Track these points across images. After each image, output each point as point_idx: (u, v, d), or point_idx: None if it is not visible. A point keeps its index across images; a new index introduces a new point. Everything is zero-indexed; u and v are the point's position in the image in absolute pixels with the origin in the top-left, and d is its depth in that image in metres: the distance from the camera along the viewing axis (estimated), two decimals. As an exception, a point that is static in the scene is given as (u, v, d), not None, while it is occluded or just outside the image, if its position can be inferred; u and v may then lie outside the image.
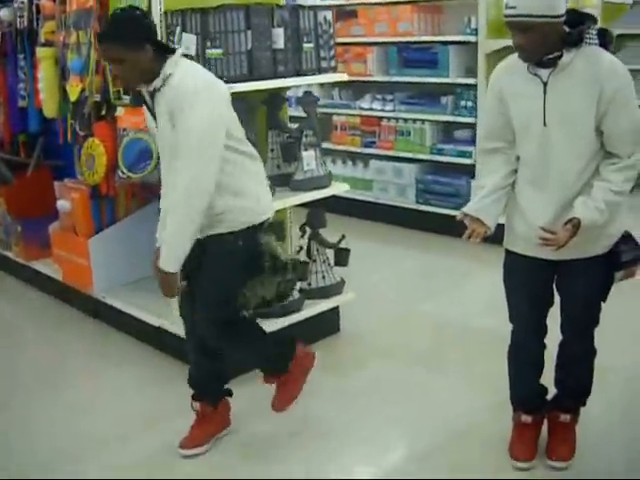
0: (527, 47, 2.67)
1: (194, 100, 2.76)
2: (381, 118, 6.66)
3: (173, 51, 2.88)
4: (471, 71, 5.97)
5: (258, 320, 3.55)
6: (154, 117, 2.94)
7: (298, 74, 3.85)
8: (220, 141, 2.85)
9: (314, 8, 3.88)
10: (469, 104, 6.03)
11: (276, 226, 3.97)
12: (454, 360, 4.07)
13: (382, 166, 6.69)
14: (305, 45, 3.82)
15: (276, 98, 4.06)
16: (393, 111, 6.54)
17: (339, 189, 4.25)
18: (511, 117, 2.84)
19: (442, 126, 6.47)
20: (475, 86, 5.91)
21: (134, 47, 2.75)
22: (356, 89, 6.86)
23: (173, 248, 2.90)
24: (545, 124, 2.74)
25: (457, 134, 6.35)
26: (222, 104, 2.89)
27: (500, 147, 2.92)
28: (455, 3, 6.04)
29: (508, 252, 3.01)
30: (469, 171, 6.13)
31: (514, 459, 3.10)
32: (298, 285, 4.21)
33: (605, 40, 2.73)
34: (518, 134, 2.85)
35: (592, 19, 2.73)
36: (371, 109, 6.66)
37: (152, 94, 2.88)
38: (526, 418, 3.14)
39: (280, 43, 3.66)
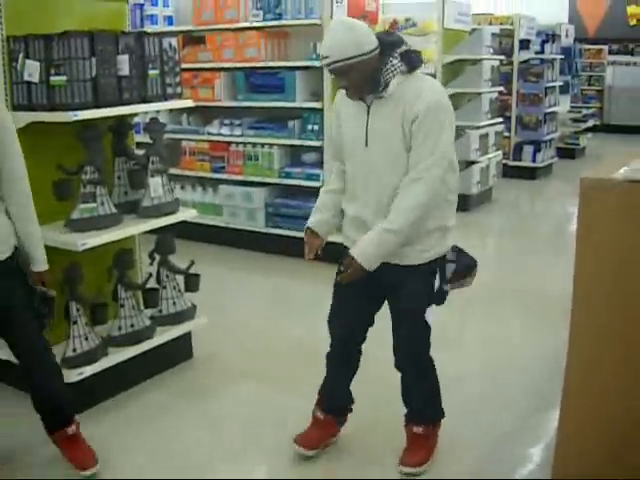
0: (352, 87, 2.89)
1: None
2: (229, 143, 6.70)
3: None
4: (316, 95, 6.13)
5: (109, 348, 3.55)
6: None
7: (144, 101, 3.83)
8: None
9: (159, 35, 3.87)
10: (315, 127, 6.17)
11: (125, 253, 3.94)
12: (308, 382, 4.11)
13: (231, 191, 6.73)
14: (150, 72, 3.81)
15: (122, 125, 4.02)
16: (241, 136, 6.60)
17: (187, 215, 4.23)
18: (342, 137, 3.07)
19: (290, 150, 6.58)
20: (321, 110, 6.06)
21: None
22: (205, 114, 6.88)
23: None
24: (367, 145, 2.93)
25: (304, 157, 6.48)
26: None
27: (338, 164, 3.18)
28: (301, 29, 6.17)
29: None
30: (317, 194, 6.23)
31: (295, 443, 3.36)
32: (148, 313, 4.19)
33: (409, 60, 2.87)
34: (346, 153, 3.07)
35: (393, 44, 2.88)
36: (219, 134, 6.69)
37: None
38: (320, 414, 3.40)
39: (125, 70, 3.63)
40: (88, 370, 3.71)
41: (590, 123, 13.08)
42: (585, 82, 13.48)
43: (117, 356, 3.88)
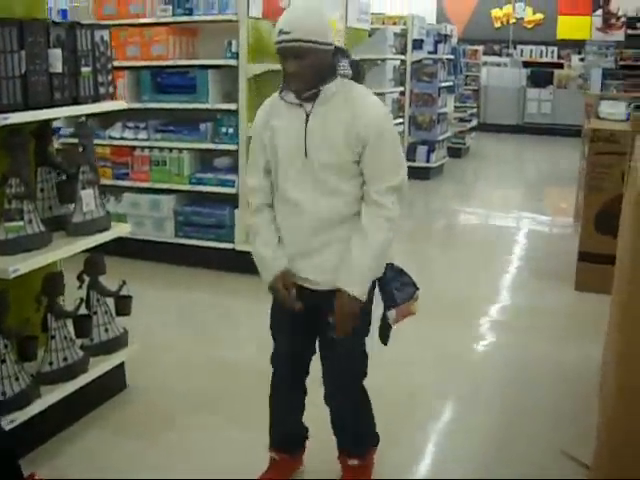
0: (300, 74, 2.56)
1: None
2: (134, 148, 6.18)
3: None
4: (230, 96, 5.73)
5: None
6: None
7: (75, 102, 3.34)
8: None
9: (91, 27, 3.39)
10: (230, 130, 5.78)
11: (55, 277, 3.44)
12: (257, 404, 3.75)
13: (137, 199, 6.21)
14: (83, 69, 3.33)
15: (45, 130, 3.51)
16: (147, 140, 6.09)
17: (121, 230, 3.79)
18: (277, 150, 2.71)
19: (200, 154, 6.14)
20: (236, 112, 5.67)
21: None
22: (105, 117, 6.29)
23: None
24: (307, 155, 2.64)
25: (217, 162, 6.07)
26: None
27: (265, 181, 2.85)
28: (213, 26, 5.76)
29: None
30: (232, 200, 5.90)
31: None
32: (79, 342, 3.70)
33: (357, 71, 2.70)
34: (281, 168, 2.73)
35: (343, 51, 2.70)
36: (122, 138, 6.15)
37: None
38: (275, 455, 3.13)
39: (58, 66, 3.14)
40: (21, 416, 3.19)
41: (474, 122, 13.27)
42: (463, 82, 13.65)
43: (51, 396, 3.38)
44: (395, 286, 2.82)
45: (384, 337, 2.87)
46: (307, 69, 2.54)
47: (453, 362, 4.49)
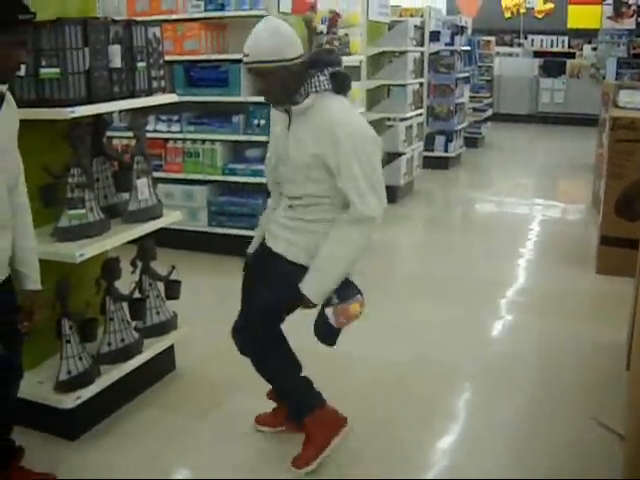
0: (268, 91, 2.84)
1: None
2: (167, 140, 6.36)
3: None
4: (261, 90, 5.89)
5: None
6: None
7: (132, 95, 3.53)
8: None
9: (145, 24, 3.57)
10: (262, 122, 5.94)
11: (113, 262, 3.62)
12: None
13: (171, 189, 6.37)
14: (139, 64, 3.51)
15: (101, 122, 3.69)
16: (180, 132, 6.27)
17: (173, 218, 3.97)
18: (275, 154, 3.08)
19: (232, 146, 6.31)
20: (268, 104, 5.80)
21: None
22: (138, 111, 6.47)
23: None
24: (288, 156, 2.91)
25: (248, 153, 6.24)
26: None
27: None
28: (242, 21, 5.91)
29: None
30: (263, 190, 6.03)
31: None
32: (133, 324, 3.88)
33: (340, 83, 2.84)
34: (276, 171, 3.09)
35: (324, 62, 2.83)
36: (155, 131, 6.32)
37: None
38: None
39: (117, 62, 3.32)
40: (85, 393, 3.38)
41: (489, 112, 13.39)
42: (478, 73, 13.77)
43: (110, 375, 3.56)
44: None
45: (326, 336, 3.03)
46: (272, 86, 2.79)
47: (478, 342, 4.65)
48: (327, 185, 2.87)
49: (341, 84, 2.84)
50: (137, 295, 3.90)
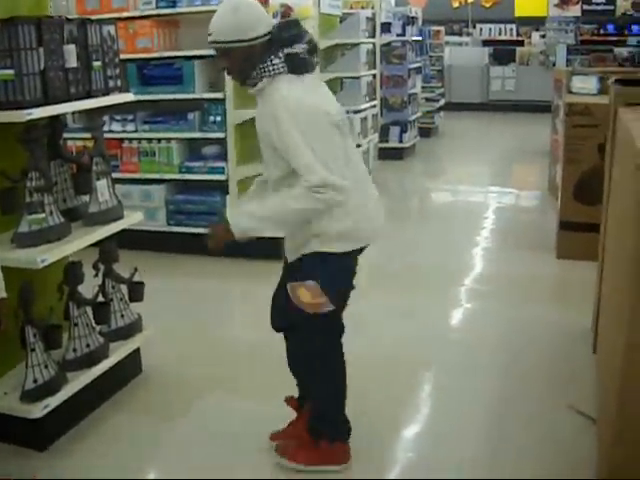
0: (229, 69, 2.85)
1: None
2: (122, 140, 6.26)
3: None
4: (216, 85, 5.85)
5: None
6: None
7: (89, 95, 3.46)
8: None
9: (99, 22, 3.50)
10: (218, 119, 5.89)
11: (76, 267, 3.55)
12: (269, 384, 3.89)
13: (128, 190, 6.26)
14: (94, 63, 3.44)
15: (57, 124, 3.61)
16: (135, 131, 6.19)
17: (134, 219, 3.90)
18: None
19: (189, 143, 6.25)
20: (223, 100, 5.79)
21: None
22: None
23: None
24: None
25: (205, 151, 6.18)
26: None
27: None
28: (194, 17, 5.85)
29: None
30: (222, 187, 6.02)
31: None
32: (98, 329, 3.81)
33: (295, 64, 2.78)
34: None
35: (281, 42, 2.77)
36: (110, 131, 6.21)
37: None
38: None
39: (72, 61, 3.25)
40: (53, 402, 3.31)
41: (442, 102, 13.47)
42: (429, 63, 13.82)
43: (78, 381, 3.50)
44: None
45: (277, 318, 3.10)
46: (233, 64, 2.80)
47: (441, 331, 4.67)
48: (287, 164, 2.79)
49: (296, 66, 2.78)
50: (101, 299, 3.83)
